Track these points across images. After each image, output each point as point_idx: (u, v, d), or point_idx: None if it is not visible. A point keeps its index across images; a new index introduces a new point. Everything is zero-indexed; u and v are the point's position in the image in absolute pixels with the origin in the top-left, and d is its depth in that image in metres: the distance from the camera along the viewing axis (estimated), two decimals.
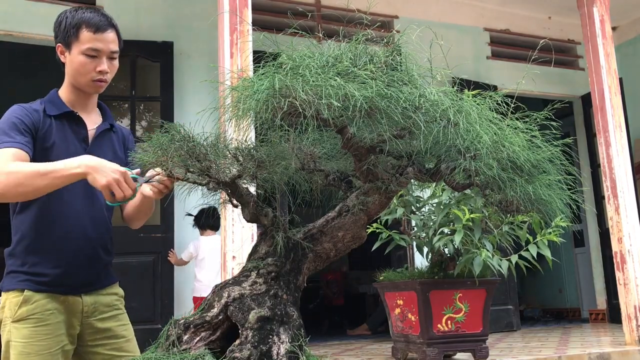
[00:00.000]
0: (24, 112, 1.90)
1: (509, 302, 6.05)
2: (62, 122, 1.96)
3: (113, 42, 1.96)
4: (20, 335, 1.83)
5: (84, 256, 1.94)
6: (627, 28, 7.07)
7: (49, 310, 1.87)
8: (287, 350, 1.41)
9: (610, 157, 4.51)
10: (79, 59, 1.92)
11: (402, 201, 3.39)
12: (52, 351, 1.85)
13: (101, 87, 1.99)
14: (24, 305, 1.85)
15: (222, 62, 3.38)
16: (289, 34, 1.57)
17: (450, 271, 3.29)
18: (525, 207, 1.50)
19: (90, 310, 1.96)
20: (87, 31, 1.91)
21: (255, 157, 1.50)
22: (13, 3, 4.81)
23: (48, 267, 1.89)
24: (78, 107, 2.01)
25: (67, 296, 1.92)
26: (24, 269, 1.89)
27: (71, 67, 1.95)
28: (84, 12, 1.94)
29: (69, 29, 1.93)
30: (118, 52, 1.98)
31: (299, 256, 1.57)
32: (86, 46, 1.91)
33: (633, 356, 4.03)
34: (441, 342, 3.20)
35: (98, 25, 1.92)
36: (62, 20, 1.96)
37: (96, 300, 1.99)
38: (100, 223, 2.00)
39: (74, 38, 1.92)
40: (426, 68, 1.45)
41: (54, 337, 1.86)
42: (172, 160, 1.48)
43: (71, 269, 1.91)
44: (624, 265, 4.35)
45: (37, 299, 1.86)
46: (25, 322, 1.84)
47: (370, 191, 1.55)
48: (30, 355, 1.82)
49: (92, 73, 1.94)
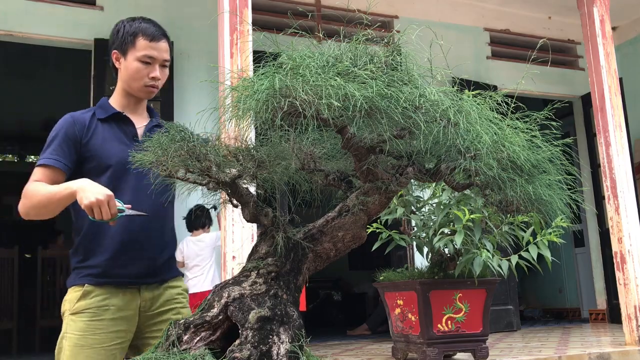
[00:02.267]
0: (71, 123, 2.05)
1: (509, 302, 6.05)
2: (110, 124, 2.09)
3: (166, 51, 2.11)
4: (76, 328, 1.93)
5: (139, 248, 2.02)
6: (627, 28, 7.07)
7: (105, 307, 1.95)
8: (287, 350, 1.41)
9: (610, 157, 4.51)
10: (134, 65, 2.07)
11: (402, 201, 3.39)
12: (105, 346, 1.92)
13: (152, 93, 2.12)
14: (82, 299, 1.95)
15: (222, 62, 3.38)
16: (289, 34, 1.57)
17: (450, 271, 3.29)
18: (525, 207, 1.50)
19: (148, 305, 2.04)
20: (143, 39, 2.07)
21: (255, 157, 1.50)
22: (13, 3, 4.81)
23: (105, 260, 1.98)
24: (128, 110, 2.14)
25: (126, 290, 1.99)
26: (84, 264, 2.00)
27: (126, 72, 2.10)
28: (140, 23, 2.12)
29: (127, 37, 2.09)
30: (169, 60, 2.13)
31: (299, 256, 1.57)
32: (142, 53, 2.06)
33: (633, 356, 4.03)
34: (441, 342, 3.20)
35: (153, 35, 2.08)
36: (119, 29, 2.14)
37: (155, 295, 2.05)
38: (156, 217, 2.06)
39: (130, 45, 2.08)
40: (426, 68, 1.45)
41: (108, 332, 1.94)
42: (172, 160, 1.48)
43: (127, 261, 1.99)
44: (624, 265, 4.35)
45: (96, 294, 1.96)
46: (82, 315, 1.94)
47: (370, 191, 1.55)
48: (84, 347, 1.90)
49: (145, 79, 2.08)
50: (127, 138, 2.08)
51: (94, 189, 1.76)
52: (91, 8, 5.05)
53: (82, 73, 5.33)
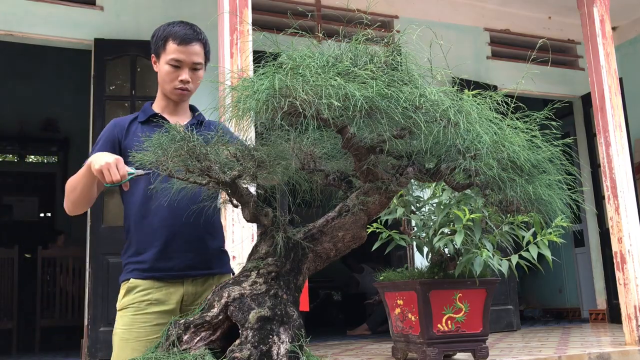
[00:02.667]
0: (113, 126, 2.14)
1: (509, 302, 6.05)
2: (149, 126, 2.13)
3: (197, 54, 2.12)
4: (122, 323, 2.01)
5: (183, 240, 2.05)
6: (627, 28, 7.07)
7: (147, 301, 2.01)
8: (287, 350, 1.41)
9: (610, 157, 4.51)
10: (164, 68, 2.12)
11: (402, 201, 3.39)
12: (150, 338, 1.96)
13: (184, 95, 2.16)
14: (127, 295, 2.02)
15: (222, 62, 3.38)
16: (289, 34, 1.57)
17: (450, 271, 3.29)
18: (525, 207, 1.50)
19: (190, 300, 2.06)
20: (172, 43, 2.10)
21: (255, 157, 1.50)
22: (13, 3, 4.81)
23: (151, 254, 2.03)
24: (167, 111, 2.19)
25: (169, 284, 2.03)
26: (132, 259, 2.06)
27: (160, 75, 2.16)
28: (174, 26, 2.14)
29: (159, 41, 2.14)
30: (202, 64, 2.15)
31: (299, 256, 1.57)
32: (170, 57, 2.10)
33: (633, 356, 4.03)
34: (441, 342, 3.20)
35: (183, 38, 2.10)
36: (155, 33, 2.17)
37: (198, 291, 2.07)
38: (199, 212, 2.07)
39: (162, 49, 2.12)
40: (426, 68, 1.45)
41: (152, 325, 1.99)
42: (172, 160, 1.48)
43: (173, 254, 2.03)
44: (624, 265, 4.35)
45: (140, 289, 2.01)
46: (127, 310, 2.01)
47: (370, 191, 1.55)
48: (129, 341, 1.97)
49: (174, 82, 2.12)
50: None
51: (104, 156, 1.81)
52: (91, 8, 5.04)
53: (82, 73, 5.34)
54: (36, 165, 10.14)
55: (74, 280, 6.64)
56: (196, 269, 2.07)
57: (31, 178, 9.75)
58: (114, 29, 4.98)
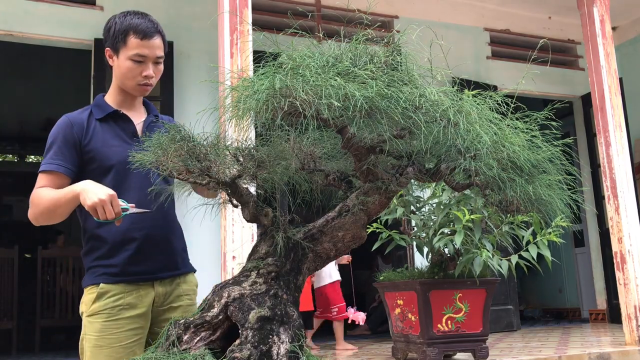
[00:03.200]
0: (69, 125, 2.02)
1: (509, 302, 6.05)
2: (108, 123, 2.07)
3: (159, 47, 2.04)
4: (93, 329, 1.95)
5: (153, 244, 2.02)
6: (627, 28, 7.07)
7: (119, 306, 1.96)
8: (287, 350, 1.41)
9: (610, 157, 4.51)
10: (126, 64, 2.02)
11: (402, 201, 3.39)
12: (123, 344, 1.94)
13: (147, 90, 2.08)
14: (97, 300, 1.96)
15: (222, 62, 3.38)
16: (289, 34, 1.57)
17: (450, 271, 3.29)
18: (525, 207, 1.50)
19: (161, 300, 2.04)
20: (134, 38, 2.00)
21: (255, 157, 1.50)
22: (13, 3, 4.81)
23: (120, 258, 1.98)
24: (124, 107, 2.11)
25: (140, 287, 2.00)
26: (99, 263, 2.00)
27: (119, 71, 2.05)
28: (132, 19, 2.02)
29: (117, 35, 2.02)
30: (163, 57, 2.07)
31: (299, 256, 1.56)
32: (133, 52, 2.00)
33: (633, 356, 4.03)
34: (441, 342, 3.20)
35: (145, 32, 2.01)
36: (111, 26, 2.05)
37: (168, 291, 2.06)
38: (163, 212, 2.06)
39: (122, 44, 2.01)
40: (426, 68, 1.45)
41: (125, 331, 1.95)
42: (172, 160, 1.48)
43: (143, 257, 2.00)
44: (624, 265, 4.35)
45: (110, 294, 1.96)
46: (98, 316, 1.95)
47: (370, 191, 1.55)
48: (103, 347, 1.93)
49: (138, 77, 2.03)
50: (127, 136, 2.06)
51: (97, 190, 1.76)
52: (91, 8, 5.05)
53: (82, 73, 5.33)
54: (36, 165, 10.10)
55: (74, 280, 6.64)
56: (166, 270, 2.06)
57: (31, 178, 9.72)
58: None
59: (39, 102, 8.16)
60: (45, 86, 7.76)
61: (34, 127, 8.77)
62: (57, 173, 1.96)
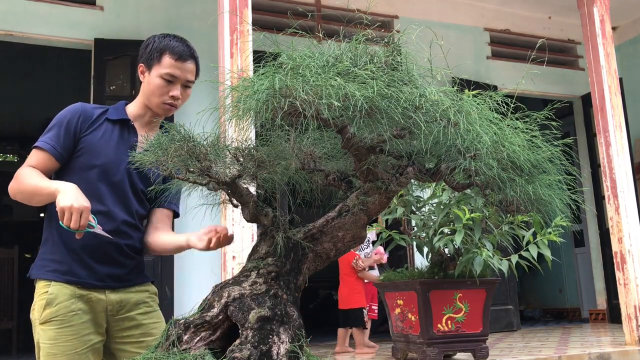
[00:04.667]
0: (78, 113, 2.04)
1: (509, 302, 6.05)
2: (115, 126, 2.07)
3: (191, 72, 2.09)
4: (47, 337, 1.91)
5: (106, 252, 1.99)
6: (627, 28, 7.07)
7: (72, 312, 1.93)
8: (287, 350, 1.41)
9: (610, 157, 4.51)
10: (156, 81, 2.05)
11: (402, 201, 3.39)
12: (78, 351, 1.91)
13: (171, 111, 2.11)
14: (47, 307, 1.92)
15: (222, 62, 3.38)
16: (289, 34, 1.57)
17: (450, 271, 3.29)
18: (525, 207, 1.50)
19: (116, 309, 2.01)
20: (169, 57, 2.05)
21: (256, 157, 1.50)
22: (13, 3, 4.81)
23: (71, 257, 1.96)
24: (140, 121, 2.12)
25: (91, 293, 1.97)
26: (50, 257, 1.98)
27: (147, 87, 2.08)
28: (170, 40, 2.08)
29: (154, 52, 2.07)
30: (193, 82, 2.11)
31: (299, 256, 1.56)
32: (165, 71, 2.04)
33: (633, 356, 4.03)
34: (441, 342, 3.20)
35: (181, 54, 2.06)
36: (149, 43, 2.10)
37: (122, 299, 2.03)
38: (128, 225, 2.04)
39: (156, 61, 2.06)
40: (426, 68, 1.45)
41: (79, 337, 1.92)
42: (172, 160, 1.48)
43: (93, 263, 1.97)
44: (624, 265, 4.35)
45: (61, 300, 1.92)
46: (50, 324, 1.91)
47: (370, 191, 1.55)
48: (57, 355, 1.89)
49: (165, 96, 2.06)
50: (124, 146, 2.05)
51: (74, 196, 1.75)
52: (91, 8, 5.05)
53: (82, 73, 5.33)
54: None
55: None
56: (119, 281, 2.02)
57: None
58: (113, 29, 4.98)
59: (39, 102, 8.16)
60: (45, 86, 7.77)
61: (34, 127, 8.76)
62: (48, 154, 1.97)
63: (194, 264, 4.97)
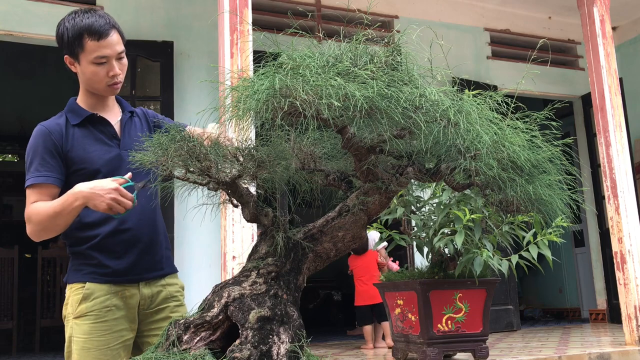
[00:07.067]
0: (47, 133, 1.96)
1: (509, 302, 6.05)
2: (86, 127, 2.01)
3: (117, 43, 1.96)
4: (81, 331, 1.92)
5: (138, 244, 2.01)
6: (627, 28, 7.07)
7: (107, 308, 1.94)
8: (287, 350, 1.41)
9: (610, 157, 4.51)
10: (89, 68, 1.95)
11: (402, 201, 3.39)
12: (110, 346, 1.93)
13: (117, 89, 2.03)
14: (83, 302, 1.94)
15: (222, 62, 3.38)
16: (289, 34, 1.57)
17: (450, 271, 3.29)
18: (525, 207, 1.50)
19: (147, 303, 2.03)
20: (90, 40, 1.90)
21: (256, 157, 1.50)
22: (13, 3, 4.80)
23: (106, 258, 1.96)
24: (99, 108, 2.05)
25: (126, 288, 1.98)
26: (85, 261, 1.97)
27: (84, 77, 1.99)
28: (82, 19, 1.92)
29: (73, 41, 1.92)
30: (124, 50, 1.99)
31: (299, 256, 1.56)
32: (93, 55, 1.92)
33: (633, 356, 4.02)
34: (441, 342, 3.20)
35: (100, 32, 1.90)
36: (63, 33, 1.95)
37: (154, 293, 2.05)
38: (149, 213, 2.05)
39: (79, 48, 1.93)
40: (426, 68, 1.45)
41: (112, 332, 1.94)
42: (172, 160, 1.48)
43: (128, 257, 1.99)
44: (624, 265, 4.35)
45: (97, 295, 1.94)
46: (85, 318, 1.93)
47: (370, 191, 1.55)
48: (91, 350, 1.91)
49: (105, 79, 1.97)
50: (107, 138, 2.02)
51: (101, 191, 1.74)
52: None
53: None
54: None
55: None
56: (151, 271, 2.05)
57: None
58: None
59: (39, 102, 8.15)
60: (45, 86, 7.76)
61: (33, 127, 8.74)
62: (46, 185, 1.91)
63: (194, 264, 4.97)
